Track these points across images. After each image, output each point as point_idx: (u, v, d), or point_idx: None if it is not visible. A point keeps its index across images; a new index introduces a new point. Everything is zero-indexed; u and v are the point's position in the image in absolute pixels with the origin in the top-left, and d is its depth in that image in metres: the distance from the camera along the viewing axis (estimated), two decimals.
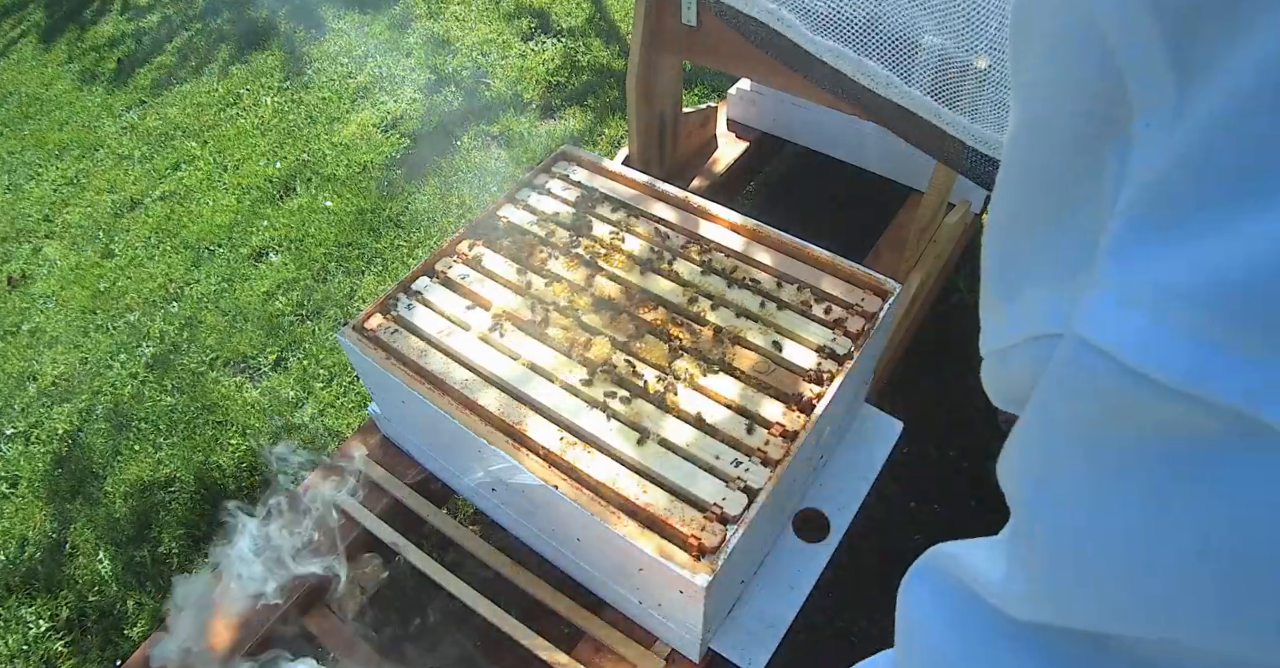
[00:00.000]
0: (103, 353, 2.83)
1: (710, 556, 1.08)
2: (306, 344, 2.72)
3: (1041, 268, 0.38)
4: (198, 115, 3.81)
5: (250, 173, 3.41)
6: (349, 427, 2.45)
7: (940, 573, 0.43)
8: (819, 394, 1.24)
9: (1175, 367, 0.25)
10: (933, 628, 0.42)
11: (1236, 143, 0.25)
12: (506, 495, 1.35)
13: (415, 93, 3.59)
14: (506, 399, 1.27)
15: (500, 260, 1.46)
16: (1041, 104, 0.39)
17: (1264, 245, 0.23)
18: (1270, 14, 0.24)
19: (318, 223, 3.12)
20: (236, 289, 2.95)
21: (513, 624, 1.38)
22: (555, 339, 1.34)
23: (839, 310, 1.34)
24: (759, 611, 1.35)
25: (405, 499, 1.56)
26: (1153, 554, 0.28)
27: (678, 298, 1.37)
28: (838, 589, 1.97)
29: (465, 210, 3.02)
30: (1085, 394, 0.30)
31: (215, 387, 2.65)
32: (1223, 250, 0.24)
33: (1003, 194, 0.43)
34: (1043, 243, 0.38)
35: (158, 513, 2.35)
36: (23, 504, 2.46)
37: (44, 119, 4.05)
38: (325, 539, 1.47)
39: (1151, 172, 0.29)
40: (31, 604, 2.21)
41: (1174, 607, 0.29)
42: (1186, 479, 0.27)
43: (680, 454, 1.19)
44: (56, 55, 4.49)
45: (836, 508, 1.48)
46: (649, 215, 1.52)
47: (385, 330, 1.37)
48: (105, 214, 3.40)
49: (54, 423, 2.64)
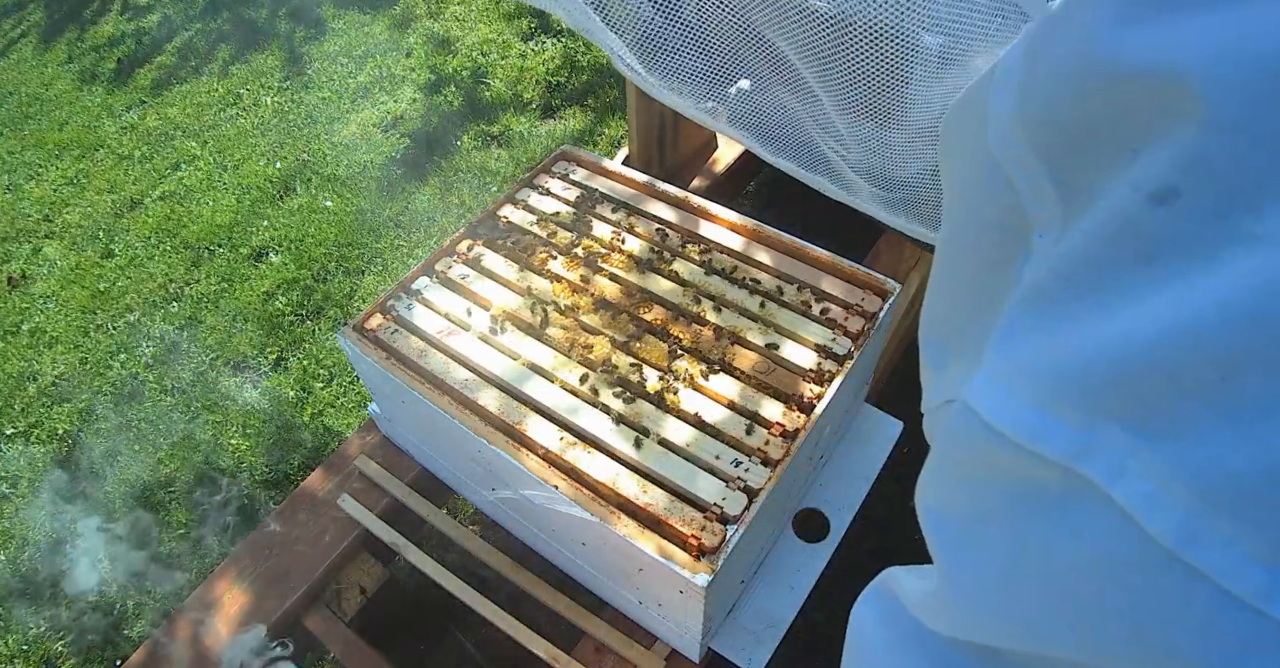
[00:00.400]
0: (103, 353, 2.83)
1: (710, 556, 1.08)
2: (306, 344, 2.72)
3: (959, 347, 0.47)
4: (198, 115, 3.81)
5: (250, 173, 3.41)
6: (349, 427, 2.45)
7: (886, 594, 0.50)
8: (819, 394, 1.24)
9: (1020, 428, 0.33)
10: (873, 643, 0.50)
11: (1081, 268, 0.33)
12: (506, 496, 1.35)
13: (415, 93, 3.59)
14: (506, 399, 1.27)
15: (500, 260, 1.46)
16: (960, 214, 0.48)
17: (1086, 344, 0.31)
18: (1118, 174, 0.32)
19: (318, 223, 3.12)
20: (236, 289, 2.95)
21: (513, 624, 1.37)
22: (555, 339, 1.33)
23: (839, 310, 1.34)
24: (759, 611, 1.35)
25: (405, 499, 1.56)
26: (1016, 583, 0.35)
27: (678, 298, 1.37)
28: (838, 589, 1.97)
29: (465, 210, 3.02)
30: (966, 447, 0.37)
31: (215, 387, 2.65)
32: (1061, 344, 0.32)
33: (933, 285, 0.52)
34: (963, 329, 0.47)
35: (158, 513, 2.35)
36: (23, 504, 2.45)
37: (44, 119, 4.04)
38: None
39: (1033, 279, 0.37)
40: (31, 604, 2.21)
41: (1039, 628, 0.34)
42: (1036, 520, 0.33)
43: (680, 454, 1.19)
44: (56, 55, 4.49)
45: (836, 508, 1.48)
46: (649, 215, 1.52)
47: (385, 330, 1.37)
48: (105, 214, 3.40)
49: (54, 423, 2.64)
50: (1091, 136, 0.35)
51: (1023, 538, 0.34)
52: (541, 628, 1.37)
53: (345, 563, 1.53)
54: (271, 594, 1.47)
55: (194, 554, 2.26)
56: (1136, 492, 0.29)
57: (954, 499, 0.40)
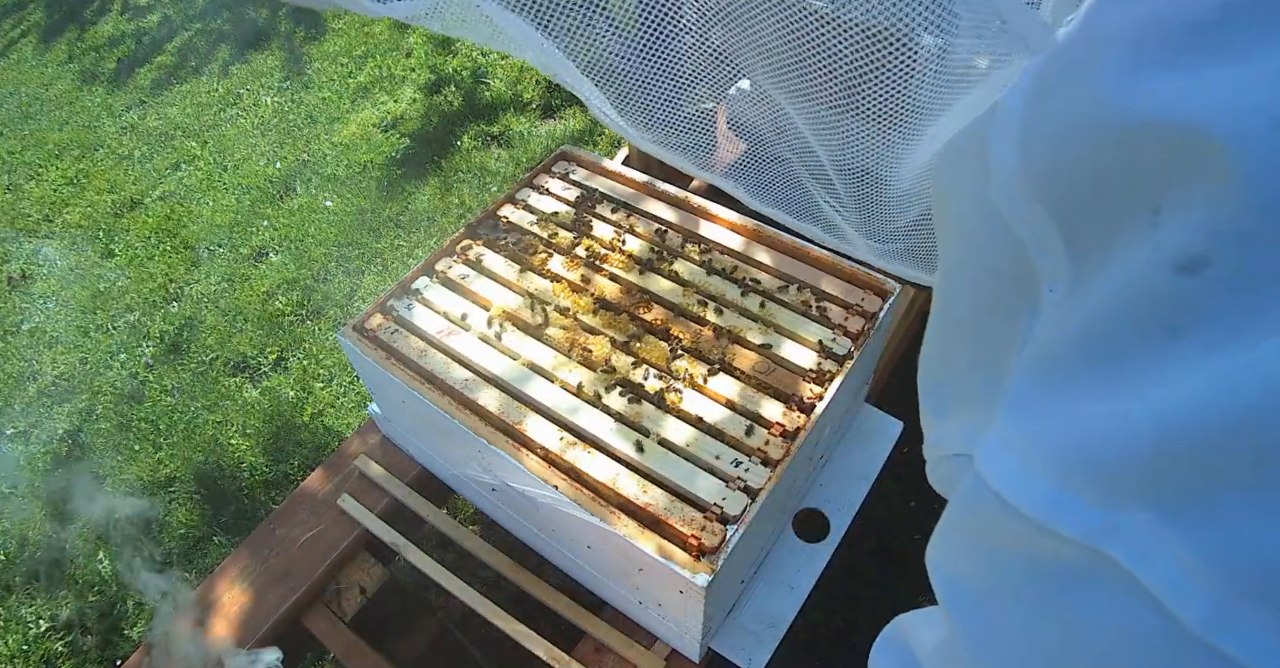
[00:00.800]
0: (103, 353, 2.83)
1: (710, 555, 1.08)
2: (306, 344, 2.72)
3: (960, 398, 0.47)
4: (198, 115, 3.81)
5: (250, 173, 3.41)
6: (349, 427, 2.45)
7: (899, 645, 0.51)
8: (819, 394, 1.24)
9: (1037, 505, 0.32)
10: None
11: (1101, 338, 0.32)
12: (507, 496, 1.35)
13: (415, 93, 3.59)
14: (506, 399, 1.27)
15: (500, 260, 1.46)
16: (958, 256, 0.47)
17: (1108, 420, 0.30)
18: (1137, 233, 0.30)
19: (318, 223, 3.12)
20: (236, 289, 2.95)
21: (513, 624, 1.37)
22: (555, 339, 1.34)
23: (839, 310, 1.34)
24: (759, 611, 1.35)
25: (405, 499, 1.56)
26: (1034, 656, 0.34)
27: (678, 298, 1.37)
28: (838, 589, 1.97)
29: (465, 210, 3.02)
30: (980, 515, 0.36)
31: (215, 387, 2.65)
32: (1080, 418, 0.31)
33: (933, 332, 0.51)
34: (964, 376, 0.47)
35: (158, 513, 2.35)
36: (23, 504, 2.45)
37: (44, 119, 4.05)
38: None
39: (1047, 341, 0.35)
40: (31, 604, 2.21)
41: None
42: (1055, 596, 0.32)
43: (680, 454, 1.19)
44: (56, 55, 4.49)
45: (836, 508, 1.48)
46: (649, 215, 1.52)
47: (385, 330, 1.37)
48: (105, 214, 3.40)
49: (54, 423, 2.64)
50: (1103, 192, 0.33)
51: (1041, 613, 0.33)
52: (541, 628, 1.37)
53: (345, 563, 1.53)
54: (271, 594, 1.47)
55: (194, 554, 2.27)
56: (1164, 575, 0.28)
57: (969, 565, 0.39)
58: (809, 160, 0.93)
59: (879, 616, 1.83)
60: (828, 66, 0.65)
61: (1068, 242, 0.35)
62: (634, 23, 0.73)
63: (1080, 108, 0.33)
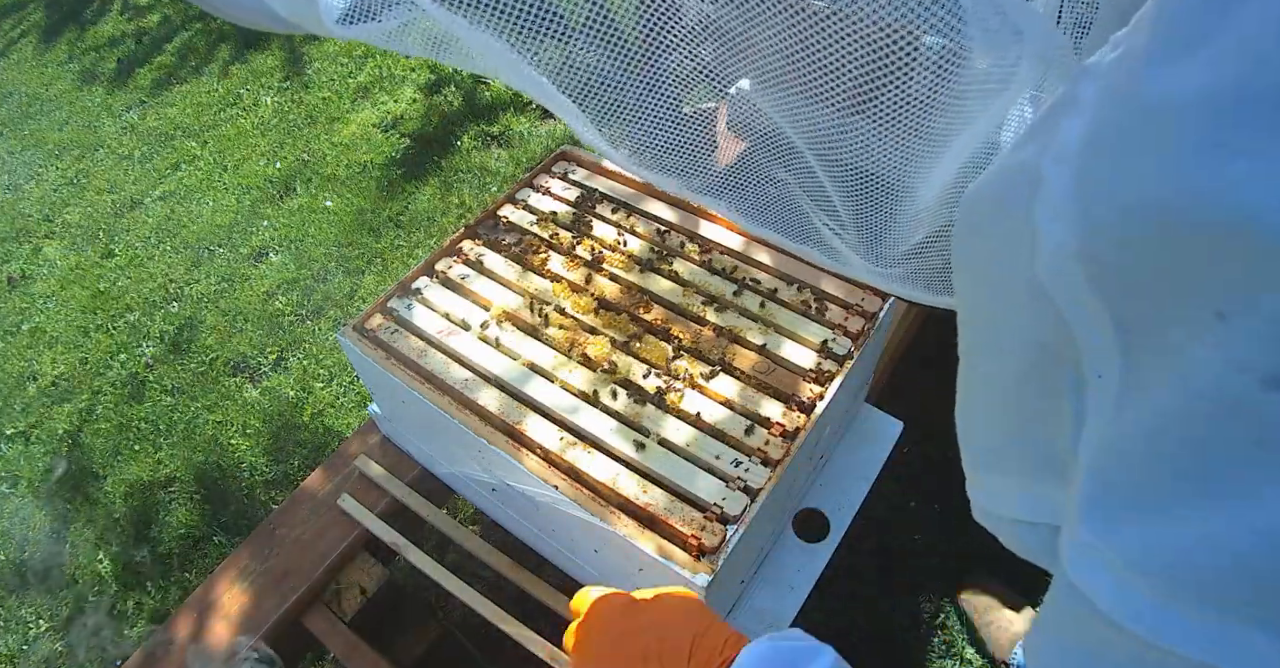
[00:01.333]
0: (103, 353, 2.83)
1: (710, 556, 1.08)
2: (306, 344, 2.72)
3: (1007, 462, 0.46)
4: (198, 115, 3.81)
5: (250, 173, 3.41)
6: (349, 427, 2.45)
7: None
8: (819, 394, 1.24)
9: (1141, 624, 0.32)
10: None
11: (1183, 450, 0.30)
12: (507, 496, 1.35)
13: (415, 93, 3.59)
14: (506, 399, 1.27)
15: (500, 260, 1.46)
16: (988, 320, 0.45)
17: (1209, 537, 0.29)
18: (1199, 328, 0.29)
19: (318, 223, 3.12)
20: (236, 289, 2.95)
21: (513, 625, 1.37)
22: (555, 339, 1.34)
23: (839, 310, 1.34)
24: (759, 611, 1.35)
25: (405, 499, 1.56)
26: None
27: (678, 298, 1.37)
28: (838, 589, 1.97)
29: (465, 210, 3.02)
30: (1084, 622, 0.36)
31: (215, 387, 2.65)
32: (1170, 534, 0.31)
33: (964, 385, 0.50)
34: (1009, 443, 0.46)
35: (158, 513, 2.35)
36: (23, 504, 2.46)
37: (44, 119, 4.05)
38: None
39: (1113, 438, 0.34)
40: (31, 604, 2.21)
41: None
42: None
43: (680, 454, 1.19)
44: (56, 55, 4.49)
45: (836, 508, 1.48)
46: (649, 215, 1.52)
47: (385, 330, 1.37)
48: (105, 214, 3.40)
49: (54, 423, 2.64)
50: (1164, 283, 0.30)
51: None
52: (541, 628, 1.37)
53: (345, 563, 1.53)
54: (271, 594, 1.47)
55: (194, 554, 2.26)
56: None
57: (1070, 659, 0.40)
58: (808, 181, 0.92)
59: (879, 616, 1.83)
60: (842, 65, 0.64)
61: (1117, 324, 0.33)
62: (623, 40, 0.72)
63: (1149, 191, 0.30)
